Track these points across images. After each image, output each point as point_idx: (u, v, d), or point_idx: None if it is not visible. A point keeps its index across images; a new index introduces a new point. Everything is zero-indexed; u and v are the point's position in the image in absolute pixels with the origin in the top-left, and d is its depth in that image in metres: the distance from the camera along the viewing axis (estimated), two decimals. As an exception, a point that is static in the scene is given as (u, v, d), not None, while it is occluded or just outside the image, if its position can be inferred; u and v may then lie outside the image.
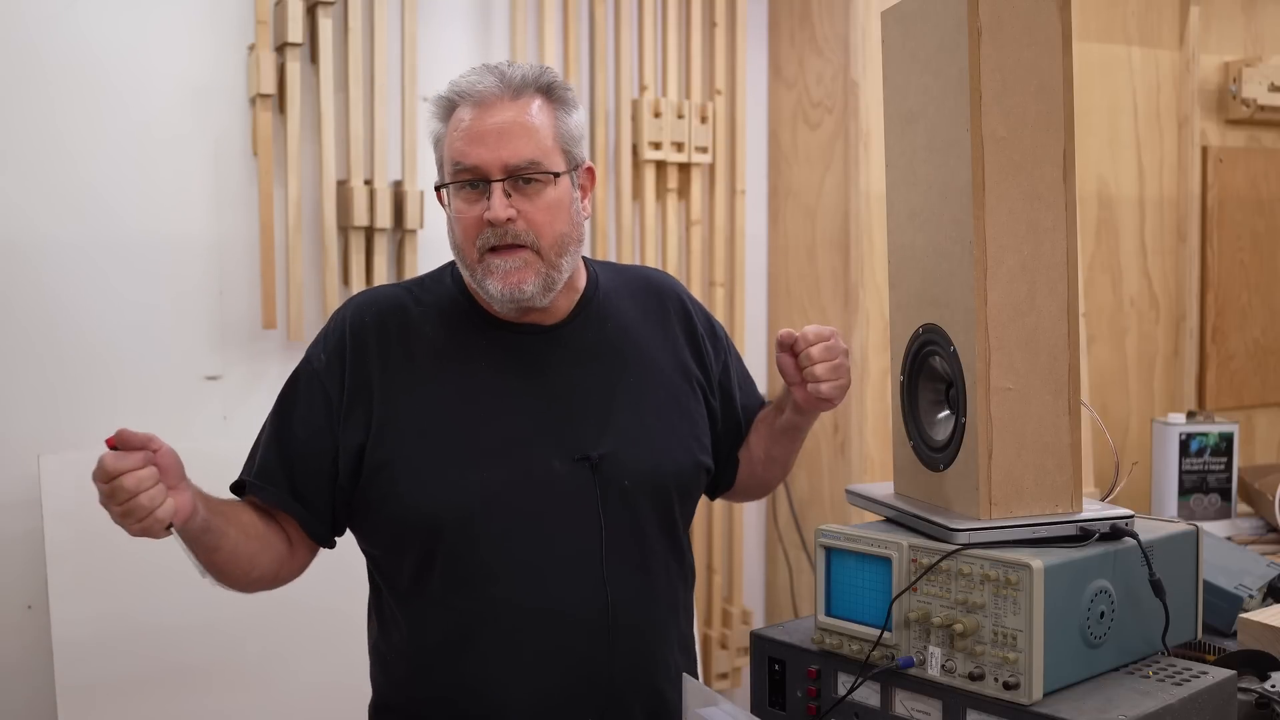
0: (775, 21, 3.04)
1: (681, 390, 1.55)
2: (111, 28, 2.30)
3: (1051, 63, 1.22)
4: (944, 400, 1.33)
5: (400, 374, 1.45)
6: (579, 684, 1.42)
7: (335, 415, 1.43)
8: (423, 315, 1.48)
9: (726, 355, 1.66)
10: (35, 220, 2.25)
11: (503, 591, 1.40)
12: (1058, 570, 1.15)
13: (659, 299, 1.60)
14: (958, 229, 1.23)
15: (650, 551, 1.48)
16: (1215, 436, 2.87)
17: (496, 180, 1.39)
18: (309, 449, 1.44)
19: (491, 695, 1.42)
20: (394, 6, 2.51)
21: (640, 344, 1.54)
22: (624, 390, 1.49)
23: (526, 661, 1.41)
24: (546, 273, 1.42)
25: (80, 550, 2.13)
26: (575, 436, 1.44)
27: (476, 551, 1.40)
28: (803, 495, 2.97)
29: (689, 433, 1.54)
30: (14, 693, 2.24)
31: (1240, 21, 3.37)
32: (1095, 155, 3.12)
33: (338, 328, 1.48)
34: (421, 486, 1.40)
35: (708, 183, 2.91)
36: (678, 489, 1.51)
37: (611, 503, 1.44)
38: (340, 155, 2.46)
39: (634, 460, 1.46)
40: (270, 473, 1.44)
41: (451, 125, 1.43)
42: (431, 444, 1.42)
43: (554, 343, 1.49)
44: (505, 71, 1.42)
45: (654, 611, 1.49)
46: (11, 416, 2.24)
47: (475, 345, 1.47)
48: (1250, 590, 1.70)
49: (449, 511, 1.40)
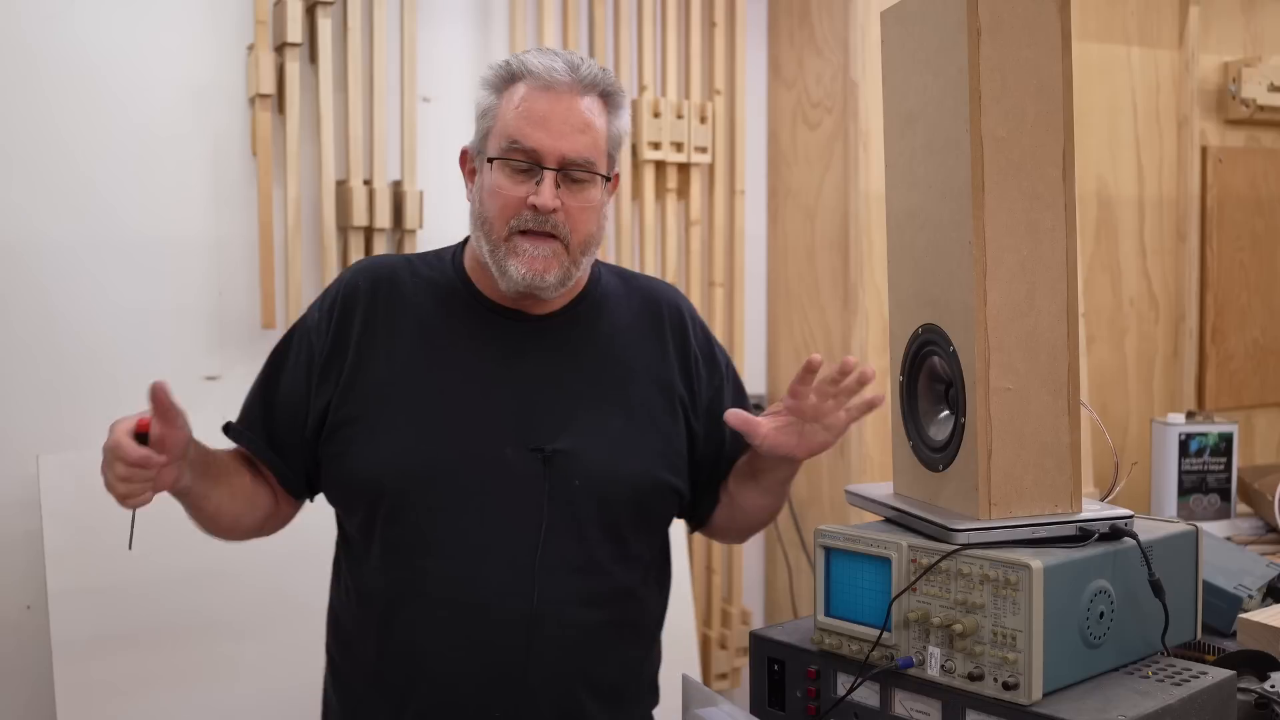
0: (775, 21, 3.04)
1: (659, 405, 1.52)
2: (110, 28, 2.30)
3: (1051, 63, 1.22)
4: (943, 400, 1.33)
5: (378, 339, 1.47)
6: (492, 675, 1.40)
7: (314, 371, 1.47)
8: (415, 287, 1.50)
9: (723, 381, 1.60)
10: (34, 220, 2.25)
11: (431, 566, 1.40)
12: (1057, 570, 1.15)
13: (658, 311, 1.58)
14: (957, 229, 1.23)
15: (593, 558, 1.44)
16: (1215, 437, 2.87)
17: (550, 169, 1.39)
18: (288, 401, 1.48)
19: (410, 668, 1.42)
20: (393, 6, 2.51)
21: (626, 351, 1.52)
22: (597, 392, 1.48)
23: (444, 641, 1.41)
24: (568, 268, 1.43)
25: (80, 550, 2.13)
26: (535, 428, 1.43)
27: (412, 522, 1.41)
28: (802, 495, 2.97)
29: (656, 448, 1.50)
30: (14, 693, 2.24)
31: (1240, 21, 3.37)
32: (1095, 155, 3.12)
33: (334, 288, 1.52)
34: (372, 450, 1.42)
35: (707, 183, 2.91)
36: (631, 500, 1.47)
37: (558, 500, 1.42)
38: (339, 155, 2.46)
39: (588, 461, 1.43)
40: (253, 421, 1.50)
41: (510, 99, 1.42)
42: (390, 410, 1.43)
43: (537, 333, 1.49)
44: (575, 63, 1.42)
45: (592, 617, 1.44)
46: (11, 416, 2.24)
47: (459, 324, 1.48)
48: (1250, 590, 1.70)
49: (391, 478, 1.41)
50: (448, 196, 2.51)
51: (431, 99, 2.57)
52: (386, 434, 1.42)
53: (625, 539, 1.47)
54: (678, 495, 1.53)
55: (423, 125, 2.54)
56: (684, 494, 1.54)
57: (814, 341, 2.90)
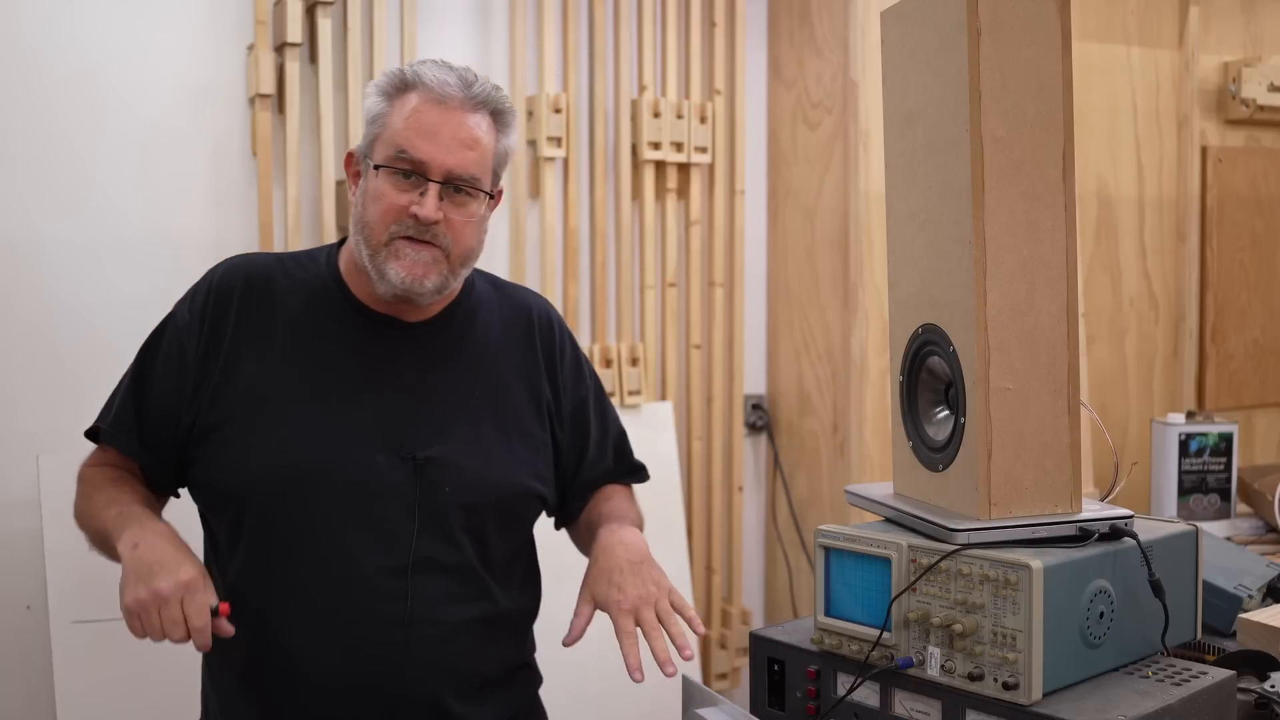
0: (775, 21, 3.04)
1: (528, 413, 1.55)
2: (110, 28, 2.30)
3: (1051, 63, 1.22)
4: (943, 400, 1.33)
5: (251, 342, 1.46)
6: (369, 678, 1.41)
7: (186, 371, 1.46)
8: (288, 289, 1.49)
9: (588, 392, 1.63)
10: (35, 220, 2.25)
11: (305, 572, 1.41)
12: (1057, 570, 1.15)
13: (528, 319, 1.60)
14: (957, 229, 1.23)
15: (463, 563, 1.46)
16: (1214, 437, 2.87)
17: (435, 181, 1.41)
18: (160, 401, 1.46)
19: (286, 670, 1.42)
20: (393, 6, 2.51)
21: (496, 360, 1.54)
22: (468, 400, 1.50)
23: (319, 643, 1.41)
24: (446, 276, 1.44)
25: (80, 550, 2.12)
26: (407, 435, 1.44)
27: (284, 528, 1.41)
28: (802, 495, 2.97)
29: (525, 457, 1.53)
30: (14, 693, 2.24)
31: (1240, 21, 3.37)
32: (1095, 155, 3.12)
33: (205, 287, 1.50)
34: (241, 454, 1.42)
35: (707, 183, 2.91)
36: (497, 506, 1.49)
37: (428, 507, 1.43)
38: (339, 155, 2.46)
39: (459, 469, 1.45)
40: (124, 422, 1.48)
41: (400, 107, 1.43)
42: (259, 415, 1.43)
43: (411, 340, 1.49)
44: (468, 80, 1.44)
45: (460, 614, 1.46)
46: (11, 416, 2.24)
47: (332, 328, 1.48)
48: (1250, 590, 1.70)
49: (259, 484, 1.41)
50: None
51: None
52: (258, 438, 1.42)
53: (489, 542, 1.49)
54: (542, 500, 1.56)
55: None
56: (548, 499, 1.57)
57: (814, 341, 2.90)
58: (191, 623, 1.26)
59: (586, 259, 2.74)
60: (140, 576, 1.28)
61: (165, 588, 1.26)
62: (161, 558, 1.29)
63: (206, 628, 1.27)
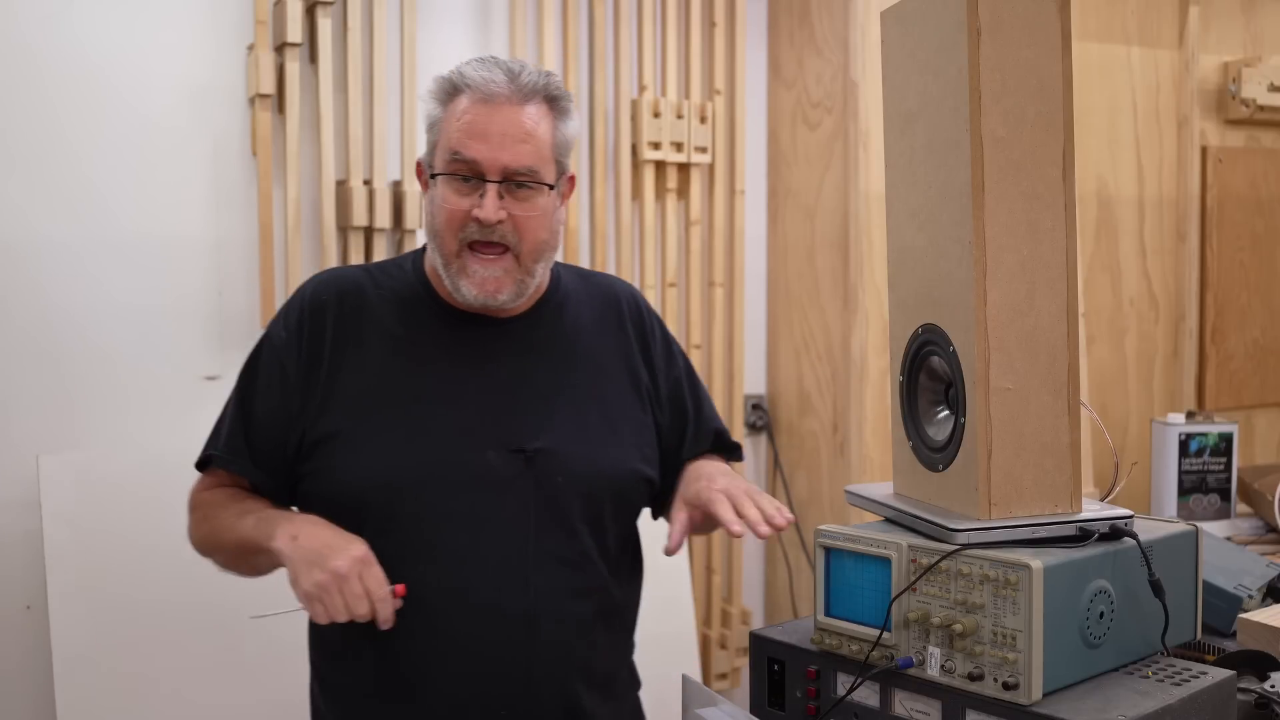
0: (775, 21, 3.04)
1: (629, 397, 1.55)
2: (110, 27, 2.30)
3: (1051, 63, 1.22)
4: (943, 400, 1.33)
5: (350, 353, 1.46)
6: (496, 674, 1.42)
7: (290, 388, 1.46)
8: (379, 298, 1.50)
9: (681, 374, 1.63)
10: (34, 220, 2.25)
11: (427, 574, 1.41)
12: (1057, 570, 1.15)
13: (617, 306, 1.60)
14: (957, 229, 1.23)
15: (581, 550, 1.47)
16: (1214, 437, 2.87)
17: (492, 181, 1.40)
18: (267, 421, 1.47)
19: (411, 677, 1.42)
20: (393, 6, 2.51)
21: (592, 347, 1.55)
22: (569, 389, 1.50)
23: (445, 647, 1.41)
24: (521, 279, 1.45)
25: (79, 550, 2.13)
26: (514, 429, 1.45)
27: (404, 532, 1.41)
28: (802, 495, 2.97)
29: (631, 440, 1.53)
30: (14, 693, 2.24)
31: (1240, 21, 3.37)
32: (1095, 155, 3.12)
33: (297, 304, 1.50)
34: (354, 463, 1.42)
35: (707, 183, 2.91)
36: (612, 492, 1.50)
37: (543, 498, 1.44)
38: (339, 155, 2.46)
39: (570, 458, 1.46)
40: (236, 447, 1.48)
41: (452, 112, 1.43)
42: (369, 423, 1.43)
43: (506, 335, 1.50)
44: (515, 71, 1.43)
45: (579, 611, 1.47)
46: (11, 416, 2.24)
47: (427, 331, 1.48)
48: (1250, 590, 1.70)
49: (376, 490, 1.41)
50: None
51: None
52: (368, 446, 1.42)
53: (606, 531, 1.50)
54: (650, 484, 1.56)
55: (422, 125, 2.53)
56: (656, 482, 1.57)
57: (814, 341, 2.90)
58: (374, 594, 1.29)
59: (587, 259, 2.74)
60: (313, 561, 1.29)
61: (342, 565, 1.28)
62: (328, 539, 1.32)
63: (389, 598, 1.30)
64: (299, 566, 1.30)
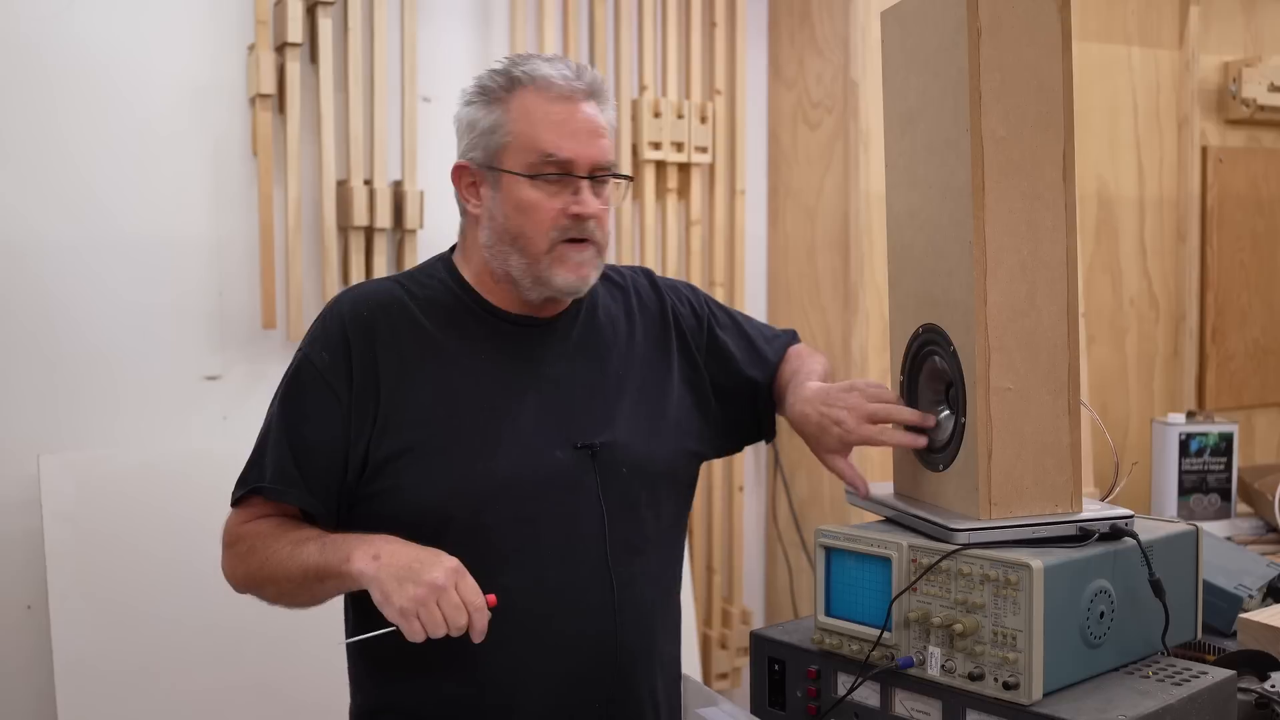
0: (775, 21, 3.04)
1: (664, 377, 1.56)
2: (111, 28, 2.30)
3: (1051, 63, 1.22)
4: (944, 400, 1.33)
5: (404, 367, 1.44)
6: (589, 665, 1.43)
7: (345, 412, 1.41)
8: (420, 308, 1.47)
9: (709, 318, 1.64)
10: (35, 220, 2.25)
11: (514, 580, 1.39)
12: (1057, 570, 1.15)
13: (635, 291, 1.62)
14: (958, 229, 1.23)
15: (646, 535, 1.49)
16: (1215, 436, 2.87)
17: (584, 177, 1.41)
18: (320, 446, 1.41)
19: (506, 684, 1.41)
20: (394, 6, 2.51)
21: (628, 336, 1.56)
22: (613, 381, 1.51)
23: (539, 647, 1.41)
24: (600, 268, 1.47)
25: (80, 550, 2.13)
26: (576, 426, 1.45)
27: (486, 541, 1.39)
28: (803, 495, 2.97)
29: (677, 419, 1.55)
30: (14, 693, 2.24)
31: (1240, 21, 3.37)
32: (1095, 155, 3.12)
33: (337, 324, 1.45)
34: (428, 479, 1.40)
35: (707, 183, 2.91)
36: (668, 474, 1.52)
37: (611, 489, 1.45)
38: (340, 155, 2.46)
39: (629, 448, 1.47)
40: (289, 478, 1.41)
41: (520, 110, 1.41)
42: (436, 436, 1.41)
43: (551, 335, 1.50)
44: (578, 68, 1.44)
45: (651, 592, 1.49)
46: (11, 416, 2.24)
47: (475, 337, 1.47)
48: (1250, 590, 1.70)
49: (456, 503, 1.39)
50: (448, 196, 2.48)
51: (431, 99, 2.57)
52: (439, 459, 1.40)
53: (665, 513, 1.52)
54: (700, 457, 1.59)
55: (423, 125, 2.54)
56: (704, 454, 1.60)
57: (814, 341, 2.90)
58: (472, 603, 1.25)
59: (587, 259, 2.74)
60: (405, 577, 1.24)
61: (439, 577, 1.24)
62: (415, 554, 1.27)
63: (485, 606, 1.26)
64: (389, 584, 1.24)
